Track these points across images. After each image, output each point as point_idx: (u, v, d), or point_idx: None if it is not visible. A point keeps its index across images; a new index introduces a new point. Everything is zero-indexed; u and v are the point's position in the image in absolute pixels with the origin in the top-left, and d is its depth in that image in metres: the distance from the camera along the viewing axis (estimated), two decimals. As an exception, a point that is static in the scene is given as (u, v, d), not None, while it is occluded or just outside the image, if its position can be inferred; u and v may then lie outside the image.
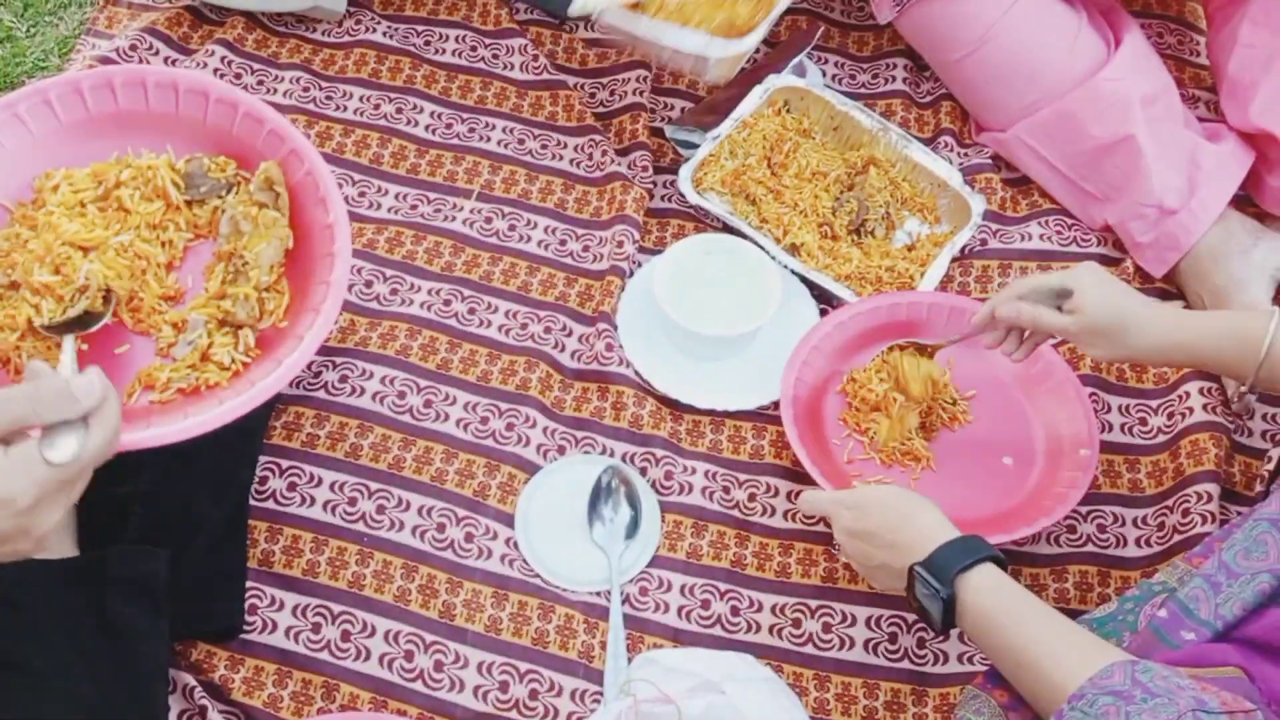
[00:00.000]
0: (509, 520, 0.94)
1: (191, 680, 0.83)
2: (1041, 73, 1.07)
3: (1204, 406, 0.97)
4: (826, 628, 0.90)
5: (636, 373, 1.02)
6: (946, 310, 1.02)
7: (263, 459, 0.94)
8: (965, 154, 1.15)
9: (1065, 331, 0.86)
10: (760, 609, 0.91)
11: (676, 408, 1.01)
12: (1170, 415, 0.99)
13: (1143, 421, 1.01)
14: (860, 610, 0.91)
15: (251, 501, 0.92)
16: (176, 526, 0.83)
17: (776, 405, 1.00)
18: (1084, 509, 0.95)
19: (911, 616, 0.90)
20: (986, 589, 0.72)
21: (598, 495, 0.94)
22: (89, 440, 0.58)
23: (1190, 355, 0.84)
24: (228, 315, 0.78)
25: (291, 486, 0.94)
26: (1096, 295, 0.84)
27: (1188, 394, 0.99)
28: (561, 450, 0.98)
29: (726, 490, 0.97)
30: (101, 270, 0.77)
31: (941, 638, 0.89)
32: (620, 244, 1.08)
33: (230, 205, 0.82)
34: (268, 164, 0.83)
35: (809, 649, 0.89)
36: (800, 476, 0.96)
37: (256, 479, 0.93)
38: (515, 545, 0.92)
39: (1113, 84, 1.06)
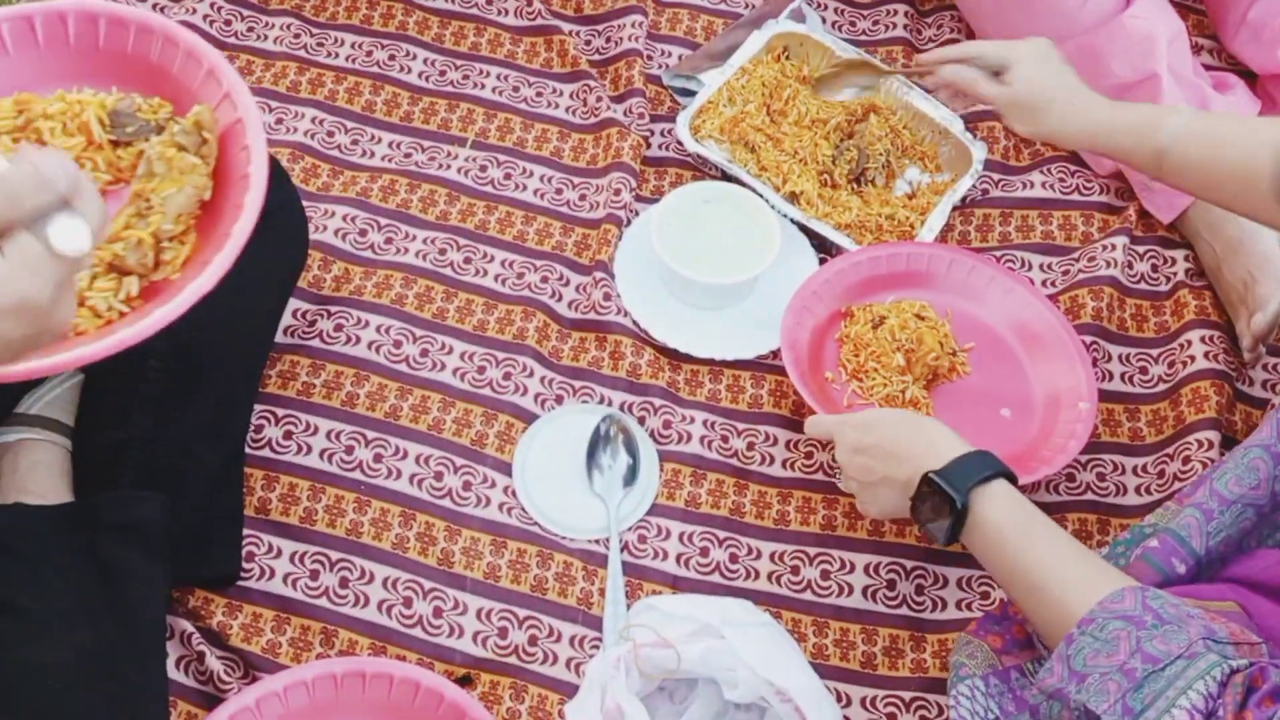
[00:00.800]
0: (507, 469, 0.93)
1: (189, 626, 0.83)
2: (1061, 5, 1.05)
3: (1205, 354, 0.97)
4: (825, 574, 0.90)
5: (634, 322, 1.01)
6: (947, 261, 1.01)
7: (258, 407, 0.93)
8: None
9: (992, 101, 0.93)
10: (759, 556, 0.91)
11: (675, 357, 1.00)
12: (1171, 364, 0.99)
13: (1143, 370, 1.00)
14: (859, 557, 0.91)
15: (247, 450, 0.91)
16: (172, 473, 0.82)
17: (775, 355, 0.99)
18: (1084, 458, 0.95)
19: (910, 563, 0.90)
20: (1001, 504, 0.71)
21: (596, 443, 0.93)
22: (89, 221, 0.51)
23: (1104, 143, 0.88)
24: (117, 259, 0.69)
25: (288, 435, 0.93)
26: (1030, 72, 0.90)
27: (1189, 342, 0.99)
28: (559, 400, 0.97)
29: (725, 439, 0.96)
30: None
31: (940, 584, 0.89)
32: (617, 192, 1.06)
33: (151, 146, 0.74)
34: (200, 108, 0.75)
35: (807, 595, 0.89)
36: (799, 426, 0.96)
37: (252, 427, 0.92)
38: (513, 494, 0.92)
39: (1138, 22, 1.04)
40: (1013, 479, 0.74)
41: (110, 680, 0.68)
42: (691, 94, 1.12)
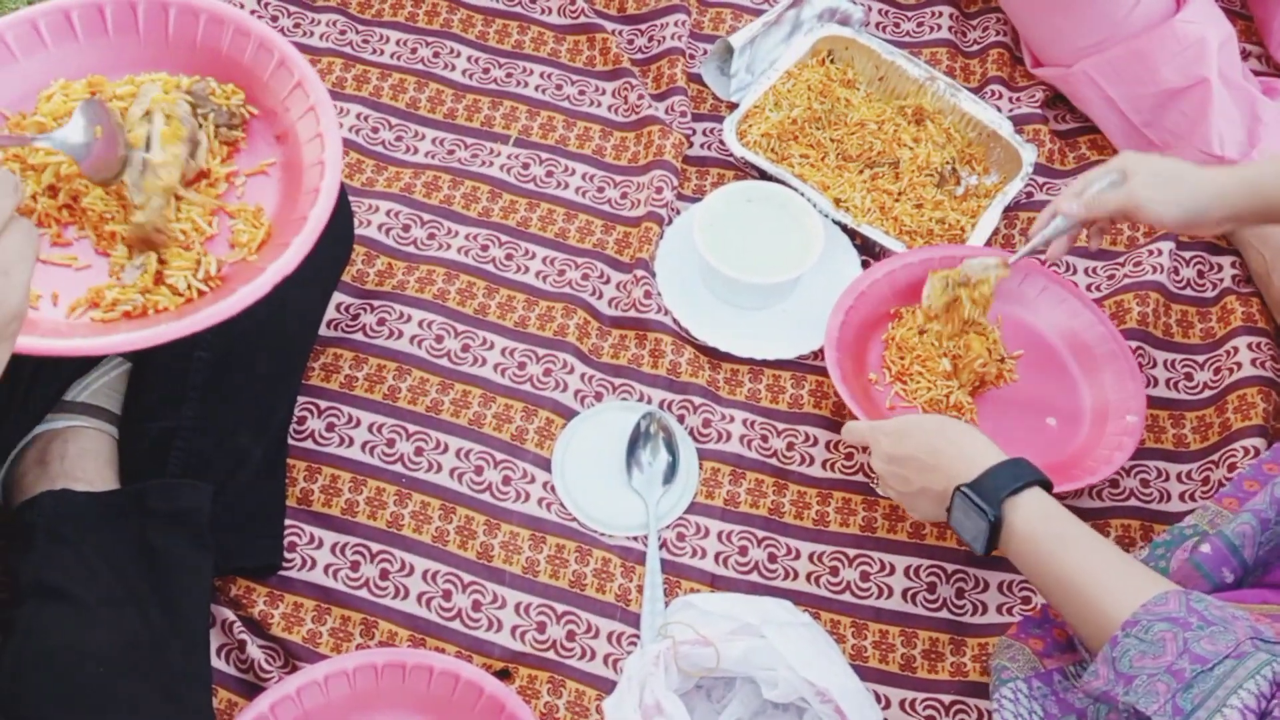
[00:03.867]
0: (546, 465, 0.93)
1: (231, 615, 0.83)
2: (1113, 8, 1.04)
3: (1252, 361, 0.96)
4: (865, 576, 0.89)
5: (675, 320, 1.01)
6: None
7: (301, 399, 0.94)
8: (1016, 100, 1.13)
9: (1131, 196, 0.84)
10: (798, 556, 0.90)
11: (715, 356, 1.00)
12: (1217, 370, 0.98)
13: (1188, 377, 0.99)
14: (899, 559, 0.90)
15: (290, 441, 0.92)
16: (217, 462, 0.83)
17: (816, 355, 0.99)
18: (1128, 464, 0.94)
19: (951, 566, 0.89)
20: (1035, 513, 0.70)
21: (636, 441, 0.93)
22: None
23: (1257, 193, 0.81)
24: (135, 229, 0.71)
25: (330, 427, 0.94)
26: (1146, 163, 0.85)
27: (1236, 349, 0.97)
28: (599, 397, 0.98)
29: (765, 439, 0.96)
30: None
31: (981, 588, 0.88)
32: (659, 190, 1.07)
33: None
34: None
35: (846, 597, 0.89)
36: (840, 427, 0.95)
37: (295, 419, 0.93)
38: (552, 489, 0.92)
39: (1190, 26, 1.03)
40: (1048, 486, 0.73)
41: (155, 666, 0.68)
42: (725, 77, 1.12)
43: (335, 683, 0.78)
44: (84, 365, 0.84)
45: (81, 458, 0.81)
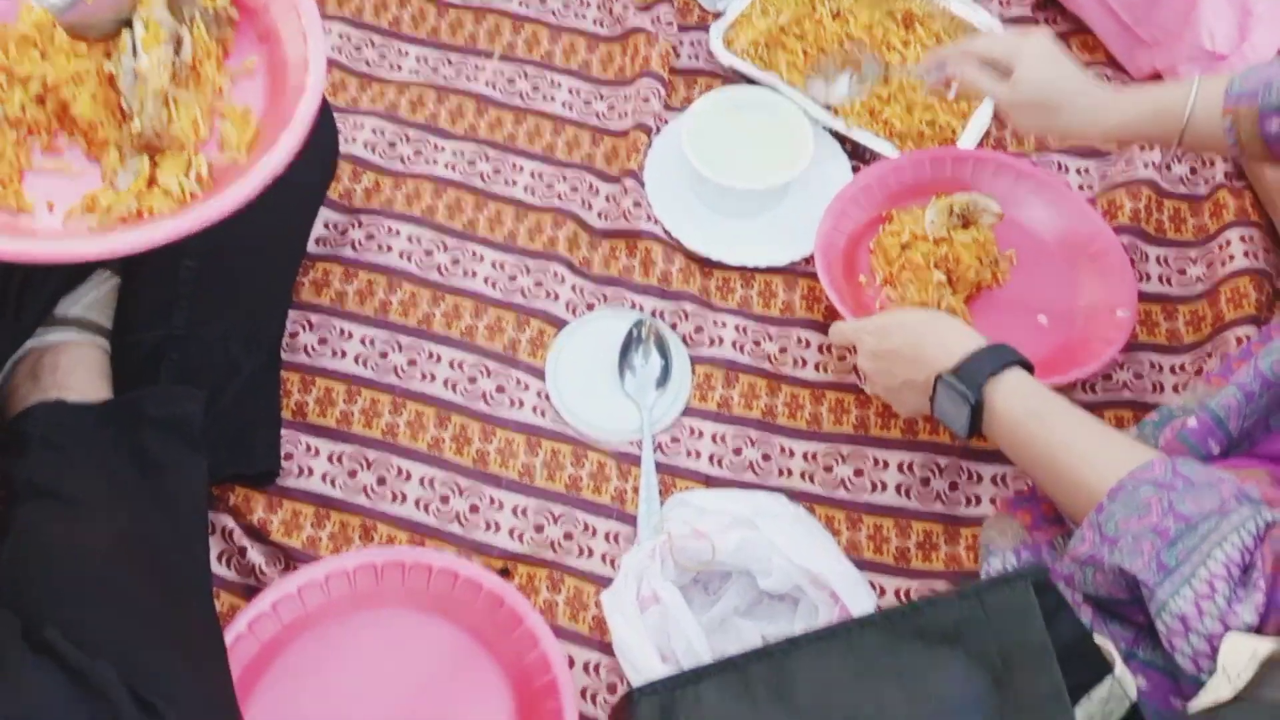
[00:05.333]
0: (539, 374, 0.94)
1: (230, 522, 0.84)
2: None
3: (1245, 253, 0.95)
4: (858, 472, 0.90)
5: (665, 230, 1.01)
6: (992, 167, 1.00)
7: (292, 314, 0.94)
8: (1006, 2, 1.12)
9: (999, 101, 0.86)
10: (792, 455, 0.91)
11: (706, 264, 1.00)
12: (1210, 264, 0.98)
13: (1181, 271, 0.99)
14: (892, 455, 0.90)
15: (283, 355, 0.92)
16: (209, 372, 0.83)
17: (807, 261, 0.99)
18: (1121, 357, 0.94)
19: (944, 460, 0.90)
20: (1016, 393, 0.71)
21: (628, 346, 0.93)
22: None
23: (1119, 135, 0.83)
24: (136, 138, 0.72)
25: (322, 340, 0.94)
26: (1035, 72, 0.83)
27: (1228, 242, 0.97)
28: (590, 307, 0.98)
29: (757, 343, 0.96)
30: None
31: (974, 480, 0.89)
32: (645, 100, 1.06)
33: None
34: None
35: (841, 493, 0.89)
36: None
37: (287, 333, 0.93)
38: (546, 397, 0.92)
39: None
40: (1029, 369, 0.74)
41: (154, 565, 0.69)
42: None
43: (336, 582, 0.79)
44: (73, 279, 0.84)
45: (74, 370, 0.81)
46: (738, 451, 0.91)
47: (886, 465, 0.90)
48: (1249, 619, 0.53)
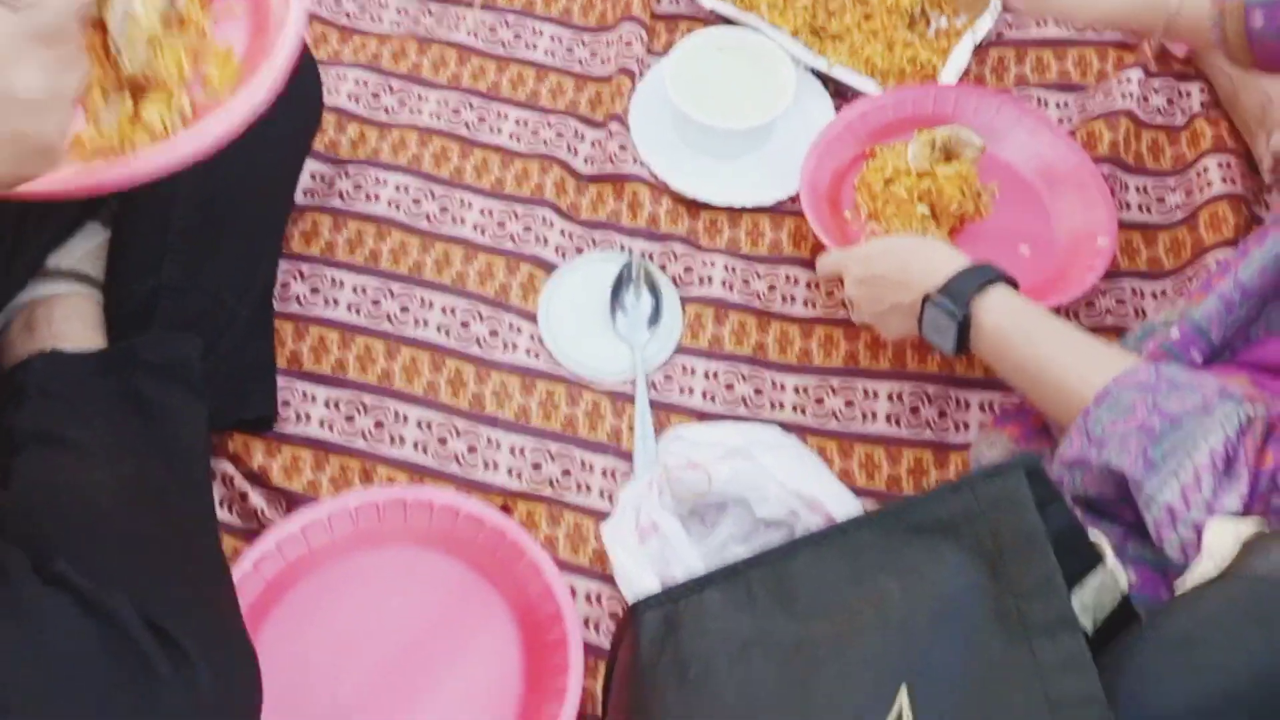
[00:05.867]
0: (532, 317, 0.94)
1: (230, 469, 0.85)
2: None
3: (1222, 179, 0.97)
4: (849, 403, 0.91)
5: (652, 173, 1.01)
6: (974, 102, 1.01)
7: (283, 264, 0.94)
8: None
9: None
10: (783, 389, 0.92)
11: (693, 206, 1.01)
12: (1189, 192, 0.99)
13: (1160, 200, 1.00)
14: (882, 386, 0.92)
15: (275, 306, 0.92)
16: (203, 320, 0.83)
17: (793, 200, 1.00)
18: (1103, 285, 0.95)
19: (933, 389, 0.91)
20: (1002, 308, 0.72)
21: (619, 286, 0.94)
22: None
23: (1111, 17, 0.85)
24: (122, 78, 0.70)
25: (314, 290, 0.94)
26: None
27: (1206, 169, 0.99)
28: (579, 251, 0.98)
29: (746, 282, 0.97)
30: None
31: (962, 408, 0.90)
32: (628, 44, 1.06)
33: None
34: None
35: (832, 424, 0.91)
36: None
37: (278, 284, 0.93)
38: (539, 340, 0.93)
39: None
40: (1013, 285, 0.75)
41: (159, 504, 0.69)
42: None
43: (339, 521, 0.80)
44: (63, 233, 0.84)
45: (68, 321, 0.81)
46: (730, 387, 0.92)
47: (876, 396, 0.92)
48: (1233, 507, 0.55)
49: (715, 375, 0.93)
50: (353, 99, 1.04)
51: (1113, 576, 0.54)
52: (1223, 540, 0.51)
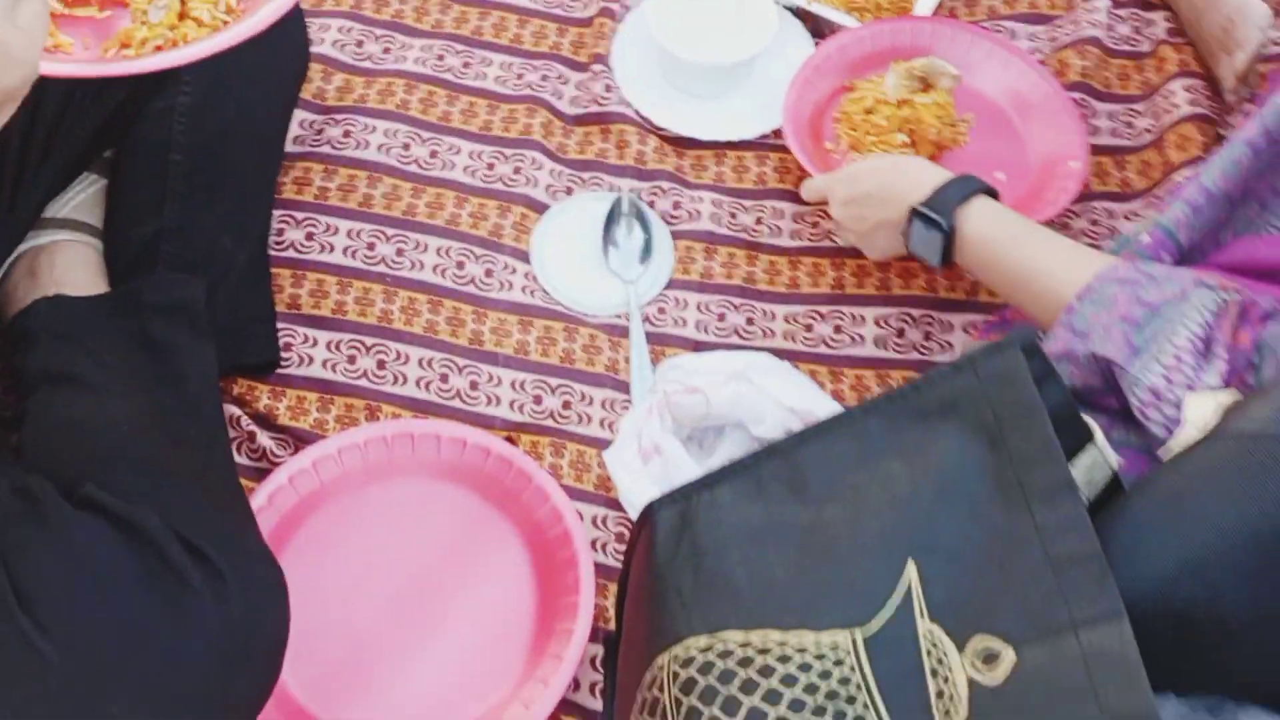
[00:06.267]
0: (525, 257, 0.96)
1: (237, 411, 0.86)
2: None
3: (1189, 101, 1.00)
4: (837, 329, 0.94)
5: (637, 112, 1.03)
6: (949, 35, 1.03)
7: (277, 212, 0.95)
8: None
9: None
10: (774, 318, 0.95)
11: (679, 143, 1.03)
12: (1156, 116, 1.02)
13: (1129, 124, 1.04)
14: (868, 311, 0.95)
15: (272, 253, 0.94)
16: (203, 265, 0.84)
17: (776, 134, 1.02)
18: (1077, 207, 0.99)
19: (918, 312, 0.94)
20: (985, 217, 0.75)
21: (610, 222, 0.96)
22: None
23: None
24: None
25: (309, 236, 0.95)
26: None
27: (1172, 92, 1.02)
28: (569, 191, 1.00)
29: (734, 215, 0.99)
30: None
31: (946, 329, 0.93)
32: (609, -14, 1.08)
33: None
34: None
35: (821, 349, 0.93)
36: (802, 198, 0.99)
37: (273, 232, 0.94)
38: (534, 279, 0.95)
39: None
40: (994, 195, 0.78)
41: (175, 435, 0.71)
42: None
43: (348, 455, 0.82)
44: (61, 182, 0.85)
45: (70, 268, 0.82)
46: (722, 317, 0.95)
47: (863, 320, 0.95)
48: (1214, 384, 0.58)
49: (707, 307, 0.95)
50: (337, 46, 1.05)
51: (1103, 455, 0.57)
52: (1203, 409, 0.54)
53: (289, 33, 0.93)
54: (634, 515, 0.82)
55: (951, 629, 0.52)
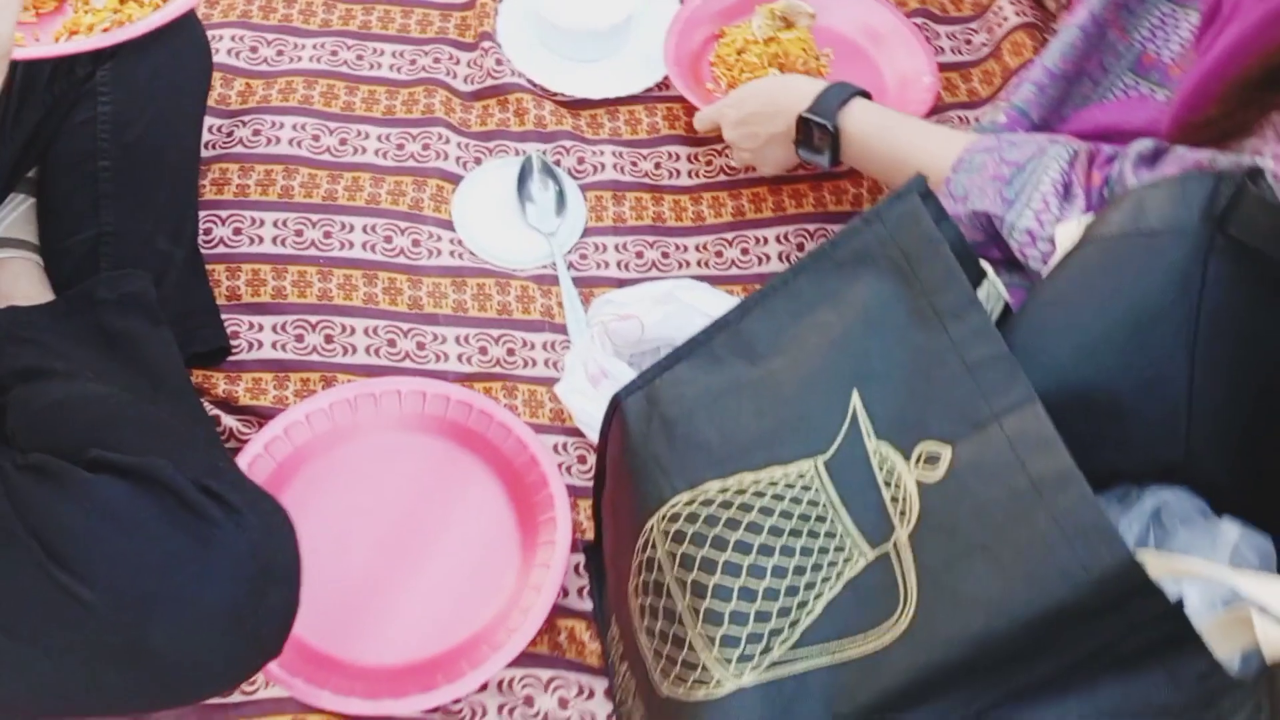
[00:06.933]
0: (449, 225, 1.02)
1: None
2: None
3: (1016, 13, 1.14)
4: (744, 252, 1.03)
5: (530, 81, 1.10)
6: None
7: (201, 213, 0.98)
8: None
9: None
10: (686, 250, 1.03)
11: (573, 105, 1.10)
12: (990, 30, 1.15)
13: (968, 42, 1.16)
14: (770, 231, 1.04)
15: (203, 250, 0.97)
16: (144, 264, 0.87)
17: (660, 86, 1.11)
18: (932, 118, 1.10)
19: (813, 226, 1.04)
20: (864, 115, 0.86)
21: (523, 180, 1.03)
22: None
23: None
24: None
25: (237, 231, 0.99)
26: None
27: (1000, 8, 1.15)
28: (478, 161, 1.06)
29: (634, 164, 1.07)
30: None
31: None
32: (486, -31, 1.14)
33: None
34: None
35: (733, 270, 1.02)
36: (696, 141, 1.08)
37: (201, 231, 0.98)
38: (460, 243, 1.01)
39: None
40: (868, 97, 0.88)
41: (152, 406, 0.74)
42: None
43: (316, 419, 0.86)
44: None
45: (16, 281, 0.84)
46: (640, 255, 1.03)
47: (766, 241, 1.04)
48: (1076, 229, 0.69)
49: (624, 247, 1.03)
50: (233, 54, 1.09)
51: (996, 288, 0.67)
52: (1071, 233, 0.64)
53: (192, 37, 0.97)
54: (591, 434, 0.89)
55: (896, 442, 0.61)
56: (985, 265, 0.67)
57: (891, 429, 0.61)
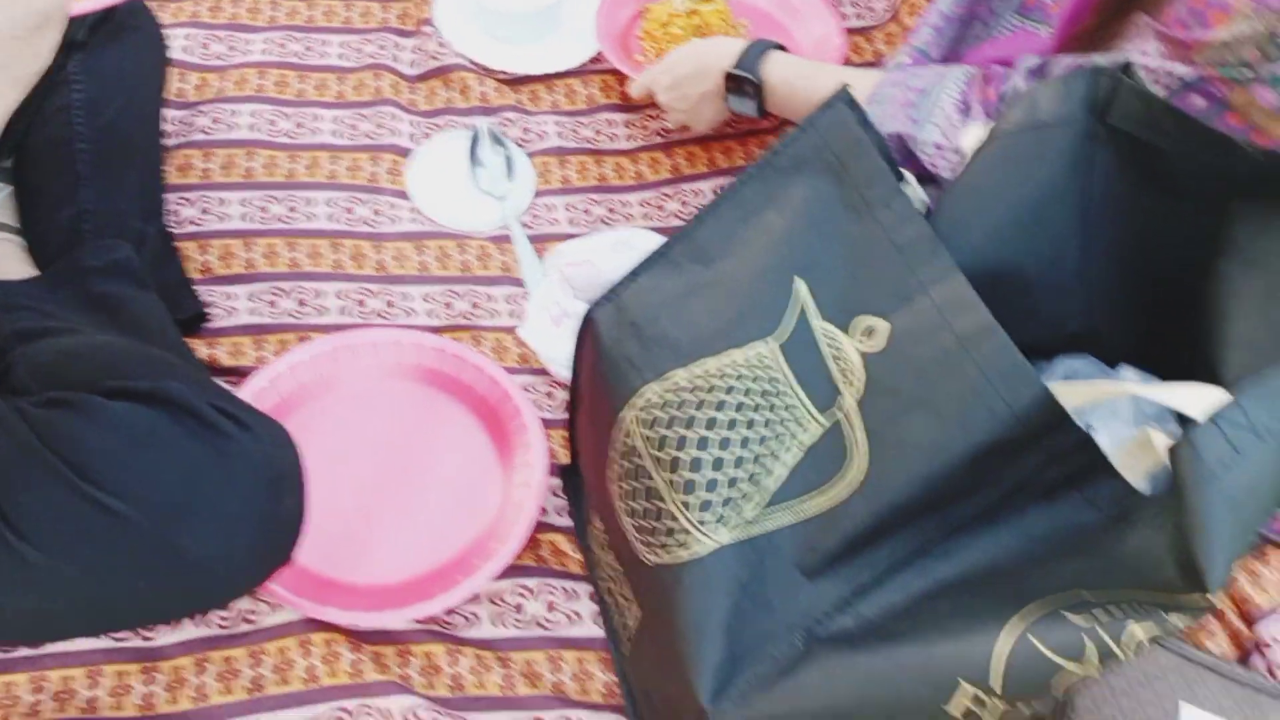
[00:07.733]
0: (405, 195, 1.08)
1: (181, 365, 0.94)
2: None
3: (911, -21, 1.25)
4: (684, 203, 1.12)
5: (471, 61, 1.17)
6: None
7: (169, 196, 1.03)
8: None
9: None
10: (630, 205, 1.11)
11: (514, 82, 1.18)
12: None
13: (871, 9, 1.27)
14: (704, 184, 1.13)
15: (173, 229, 1.01)
16: (122, 239, 0.92)
17: (593, 60, 1.19)
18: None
19: (745, 177, 1.13)
20: (784, 65, 0.95)
21: (474, 148, 1.10)
22: None
23: None
24: None
25: (204, 211, 1.04)
26: None
27: (898, -25, 1.26)
28: (428, 136, 1.13)
29: (576, 130, 1.15)
30: None
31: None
32: (422, -40, 1.21)
33: None
34: None
35: (674, 222, 1.10)
36: (630, 108, 1.16)
37: (169, 212, 1.02)
38: (418, 211, 1.07)
39: None
40: (785, 50, 0.98)
41: (157, 352, 0.79)
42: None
43: (299, 370, 0.91)
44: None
45: (3, 261, 0.88)
46: (587, 212, 1.10)
47: (703, 193, 1.12)
48: (978, 132, 0.78)
49: (573, 205, 1.10)
50: (186, 51, 1.14)
51: (914, 190, 0.76)
52: (976, 135, 0.74)
53: (149, 32, 1.02)
54: (557, 370, 0.96)
55: (839, 321, 0.69)
56: (904, 171, 0.76)
57: (834, 310, 0.69)
